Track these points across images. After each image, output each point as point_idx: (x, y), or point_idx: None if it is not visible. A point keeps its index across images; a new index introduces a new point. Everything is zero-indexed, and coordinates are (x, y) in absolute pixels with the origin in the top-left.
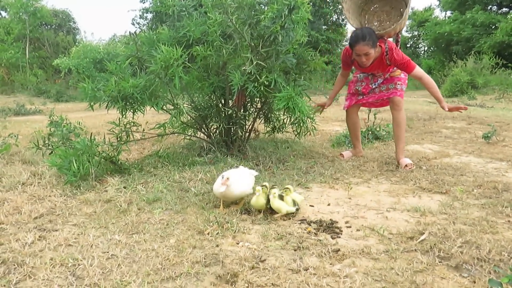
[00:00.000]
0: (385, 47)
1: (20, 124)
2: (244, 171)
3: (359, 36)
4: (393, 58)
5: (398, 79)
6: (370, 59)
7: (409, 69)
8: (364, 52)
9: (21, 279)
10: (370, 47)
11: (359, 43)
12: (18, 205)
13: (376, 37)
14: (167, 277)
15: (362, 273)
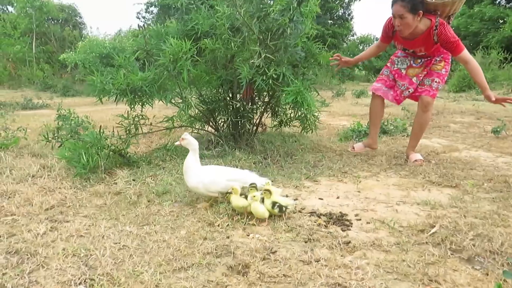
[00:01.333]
0: (435, 21)
1: (28, 118)
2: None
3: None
4: (442, 34)
5: (438, 75)
6: (407, 26)
7: (458, 50)
8: (400, 13)
9: (34, 268)
10: (407, 10)
11: (396, 3)
12: (29, 196)
13: (420, 4)
14: (179, 267)
15: (373, 265)
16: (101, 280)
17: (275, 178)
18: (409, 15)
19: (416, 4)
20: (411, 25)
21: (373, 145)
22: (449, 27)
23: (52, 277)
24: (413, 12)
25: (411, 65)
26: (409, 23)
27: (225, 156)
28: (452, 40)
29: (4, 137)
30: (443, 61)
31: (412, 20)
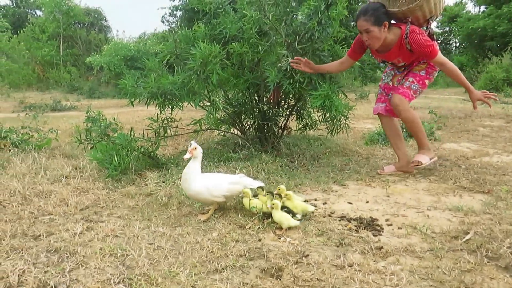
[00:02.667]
0: (405, 29)
1: (58, 119)
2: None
3: (361, 11)
4: (413, 41)
5: (414, 75)
6: (375, 40)
7: (432, 54)
8: (364, 28)
9: (74, 267)
10: (372, 24)
11: (359, 18)
12: (64, 197)
13: (384, 15)
14: (213, 269)
15: (407, 271)
16: (139, 280)
17: (303, 181)
18: (375, 28)
19: (379, 16)
20: (379, 37)
21: (406, 168)
22: (421, 32)
23: (92, 276)
24: (378, 24)
25: (395, 75)
26: (377, 36)
27: (252, 159)
28: (425, 44)
29: (37, 138)
30: (426, 63)
31: (379, 33)
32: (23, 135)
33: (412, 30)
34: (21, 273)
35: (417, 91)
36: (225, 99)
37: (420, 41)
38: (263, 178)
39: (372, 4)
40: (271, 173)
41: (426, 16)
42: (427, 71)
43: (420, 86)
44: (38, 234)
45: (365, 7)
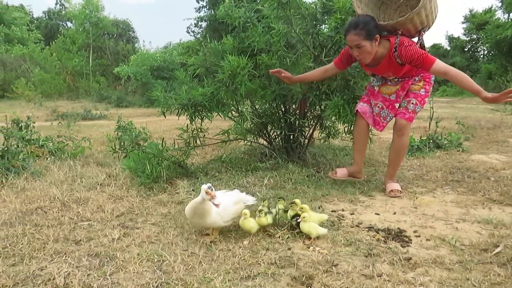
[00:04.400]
0: (394, 42)
1: (89, 128)
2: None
3: (350, 24)
4: (403, 54)
5: (415, 95)
6: (366, 54)
7: (427, 64)
8: (355, 43)
9: (114, 271)
10: (363, 38)
11: (350, 32)
12: (100, 203)
13: (375, 28)
14: (245, 276)
15: (436, 282)
16: (176, 285)
17: (329, 191)
18: (366, 43)
19: (370, 29)
20: (370, 52)
21: (358, 174)
22: (411, 44)
23: (132, 280)
24: (370, 39)
25: (385, 83)
26: (368, 50)
27: (279, 169)
28: (416, 56)
29: (71, 146)
30: (422, 81)
31: (371, 47)
32: (59, 144)
33: (401, 43)
34: (66, 276)
35: (418, 112)
36: (252, 109)
37: (411, 53)
38: (290, 187)
39: (362, 17)
40: (298, 183)
41: (417, 27)
42: (426, 88)
43: (421, 106)
44: (79, 239)
45: (355, 20)
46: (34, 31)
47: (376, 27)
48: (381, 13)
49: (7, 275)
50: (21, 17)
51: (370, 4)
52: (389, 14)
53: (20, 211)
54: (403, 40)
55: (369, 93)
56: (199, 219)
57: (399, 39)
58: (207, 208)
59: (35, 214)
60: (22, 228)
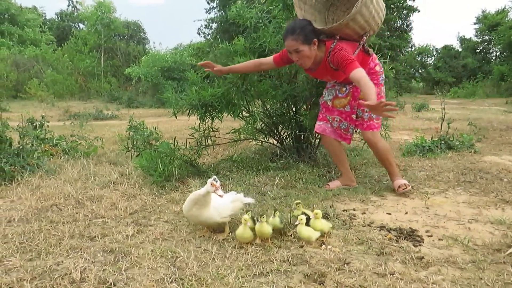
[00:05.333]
0: (330, 47)
1: (101, 127)
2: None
3: (288, 30)
4: (334, 59)
5: None
6: (306, 59)
7: (347, 69)
8: (294, 48)
9: (129, 266)
10: (301, 42)
11: (287, 38)
12: (114, 201)
13: (312, 32)
14: (258, 273)
15: (449, 281)
16: (190, 281)
17: (340, 191)
18: (305, 47)
19: (307, 34)
20: (309, 56)
21: (351, 183)
22: (345, 49)
23: (146, 275)
24: (308, 43)
25: (336, 95)
26: (307, 55)
27: (290, 169)
28: (342, 61)
29: (84, 145)
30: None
31: (309, 51)
32: (72, 143)
33: (335, 48)
34: (83, 270)
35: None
36: (263, 110)
37: (338, 58)
38: (301, 187)
39: (299, 21)
40: (309, 183)
41: (358, 32)
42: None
43: None
44: (94, 235)
45: (291, 25)
46: (46, 33)
47: (314, 31)
48: (330, 14)
49: (24, 269)
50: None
51: (317, 5)
52: (338, 15)
53: (35, 208)
54: (337, 45)
55: (324, 109)
56: (197, 211)
57: (335, 44)
58: (208, 201)
59: (51, 211)
60: (38, 224)
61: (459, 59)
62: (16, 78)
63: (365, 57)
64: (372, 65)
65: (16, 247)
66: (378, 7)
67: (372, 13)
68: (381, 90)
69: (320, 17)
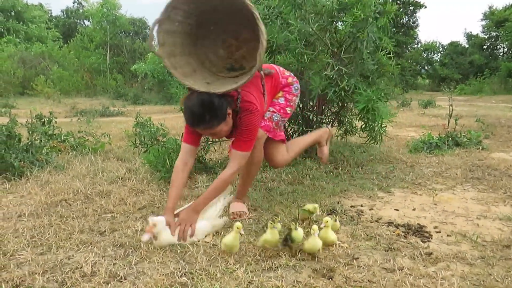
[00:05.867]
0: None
1: (108, 124)
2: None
3: (194, 119)
4: (241, 121)
5: (273, 104)
6: (224, 132)
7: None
8: (211, 132)
9: (139, 261)
10: (216, 125)
11: (199, 127)
12: (122, 197)
13: (223, 106)
14: (267, 267)
15: (458, 277)
16: (200, 275)
17: (348, 187)
18: (221, 126)
19: (219, 112)
20: (228, 129)
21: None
22: (254, 113)
23: (156, 269)
24: (223, 120)
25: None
26: (226, 129)
27: (297, 165)
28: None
29: (91, 142)
30: (281, 92)
31: (227, 125)
32: (80, 139)
33: (244, 107)
34: (93, 264)
35: (279, 122)
36: None
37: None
38: (309, 183)
39: (200, 101)
40: (316, 179)
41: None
42: (286, 98)
43: (281, 116)
44: (103, 230)
45: (195, 112)
46: (52, 29)
47: (222, 101)
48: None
49: (36, 263)
50: (40, 16)
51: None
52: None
53: (45, 203)
54: (247, 104)
55: None
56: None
57: (241, 103)
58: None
59: (60, 206)
60: (48, 219)
61: (465, 55)
62: (23, 75)
63: (274, 81)
64: (284, 81)
65: (27, 241)
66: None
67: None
68: (293, 100)
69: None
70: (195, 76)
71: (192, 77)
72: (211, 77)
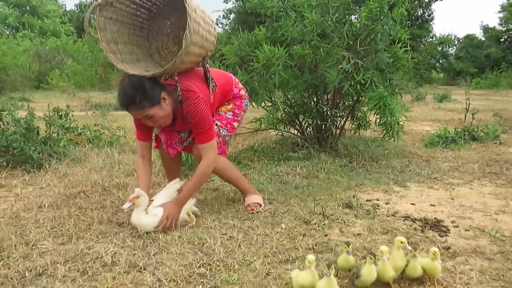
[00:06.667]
0: (177, 94)
1: (122, 118)
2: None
3: (124, 100)
4: (188, 112)
5: (220, 118)
6: (163, 119)
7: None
8: (143, 116)
9: (157, 251)
10: (149, 108)
11: (129, 109)
12: None
13: (155, 89)
14: (284, 259)
15: (477, 271)
16: (218, 266)
17: (363, 182)
18: (155, 109)
19: (150, 93)
20: (166, 115)
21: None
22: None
23: (175, 260)
24: (157, 103)
25: None
26: (161, 115)
27: (311, 159)
28: (199, 123)
29: (107, 135)
30: (231, 103)
31: (162, 110)
32: (96, 132)
33: (185, 97)
34: (113, 255)
35: (225, 137)
36: (284, 99)
37: (195, 117)
38: (324, 177)
39: (129, 83)
40: (331, 173)
41: (196, 61)
42: (234, 112)
43: (228, 131)
44: (122, 221)
45: (126, 93)
46: (66, 24)
47: (155, 84)
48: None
49: (57, 252)
50: (54, 10)
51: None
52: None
53: (64, 194)
54: (190, 93)
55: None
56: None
57: (181, 91)
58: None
59: (79, 197)
60: (67, 210)
61: (482, 49)
62: (38, 69)
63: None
64: (236, 91)
65: (48, 232)
66: (207, 25)
67: (204, 36)
68: (240, 115)
69: (142, 51)
70: (137, 64)
71: (132, 64)
72: (155, 68)
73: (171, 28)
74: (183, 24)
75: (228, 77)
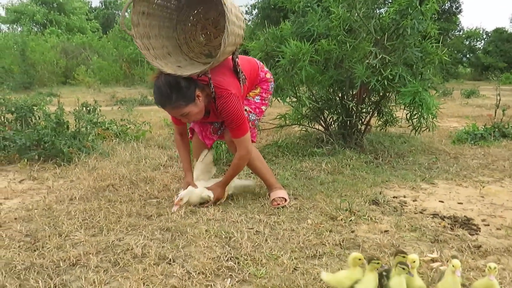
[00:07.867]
0: (211, 91)
1: (147, 113)
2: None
3: (161, 98)
4: (221, 109)
5: (248, 102)
6: (197, 115)
7: (238, 132)
8: (179, 114)
9: (185, 244)
10: (184, 106)
11: (166, 108)
12: (165, 183)
13: (190, 87)
14: (311, 255)
15: (510, 271)
16: (246, 260)
17: (389, 178)
18: (190, 107)
19: (185, 92)
20: (199, 111)
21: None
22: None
23: (203, 253)
24: (192, 101)
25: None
26: (196, 112)
27: (336, 155)
28: (233, 119)
29: (133, 130)
30: (258, 88)
31: (197, 107)
32: (122, 127)
33: (219, 95)
34: (143, 247)
35: (255, 121)
36: (309, 95)
37: (229, 113)
38: (349, 173)
39: (165, 82)
40: (356, 169)
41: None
42: (262, 96)
43: (257, 115)
44: (150, 214)
45: (162, 92)
46: (92, 21)
47: (189, 83)
48: (181, 32)
49: (89, 244)
50: (80, 7)
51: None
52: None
53: (93, 187)
54: (222, 91)
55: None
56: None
57: (214, 88)
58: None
59: (108, 190)
60: (97, 203)
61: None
62: (65, 65)
63: (252, 69)
64: (263, 75)
65: (79, 223)
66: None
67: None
68: (268, 98)
69: (171, 43)
70: (168, 59)
71: (164, 59)
72: (185, 61)
73: (198, 19)
74: (211, 16)
75: (253, 63)
